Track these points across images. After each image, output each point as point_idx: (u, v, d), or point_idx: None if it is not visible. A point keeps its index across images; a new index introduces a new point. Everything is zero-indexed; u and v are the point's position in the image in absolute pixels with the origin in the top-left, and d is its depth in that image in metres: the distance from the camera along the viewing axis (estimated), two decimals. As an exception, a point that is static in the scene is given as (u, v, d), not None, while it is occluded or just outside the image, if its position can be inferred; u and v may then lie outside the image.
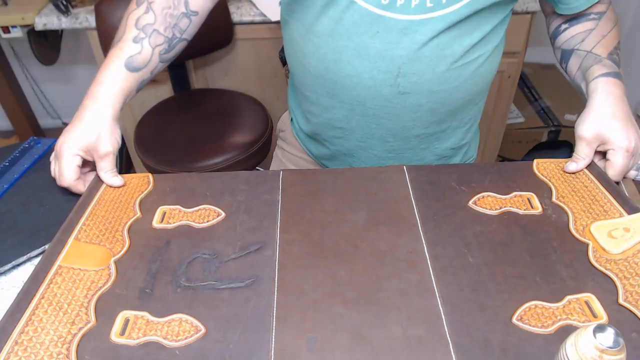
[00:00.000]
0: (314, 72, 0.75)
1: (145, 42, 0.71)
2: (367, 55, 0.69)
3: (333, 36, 0.69)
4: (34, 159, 0.75)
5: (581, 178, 0.66)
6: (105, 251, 0.57)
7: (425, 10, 0.65)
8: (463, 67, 0.70)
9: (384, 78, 0.70)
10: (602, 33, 0.74)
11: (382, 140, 0.78)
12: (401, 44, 0.67)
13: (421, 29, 0.66)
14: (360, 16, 0.67)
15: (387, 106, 0.73)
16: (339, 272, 0.54)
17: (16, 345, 0.46)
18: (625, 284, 0.51)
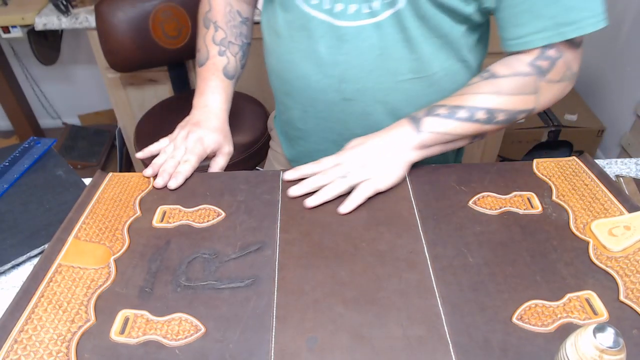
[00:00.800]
0: (275, 71, 0.79)
1: (228, 53, 0.81)
2: (314, 59, 0.71)
3: (287, 37, 0.73)
4: (34, 159, 0.75)
5: (581, 176, 0.66)
6: (105, 250, 0.57)
7: (362, 16, 0.65)
8: (412, 81, 0.70)
9: (329, 83, 0.71)
10: (465, 91, 0.66)
11: (336, 144, 0.77)
12: (343, 50, 0.68)
13: (360, 35, 0.67)
14: (307, 20, 0.68)
15: (334, 110, 0.75)
16: (338, 272, 0.54)
17: (16, 343, 0.46)
18: (626, 281, 0.51)
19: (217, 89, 0.79)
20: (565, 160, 0.69)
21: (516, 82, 0.64)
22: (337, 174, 0.63)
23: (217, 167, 0.76)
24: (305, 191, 0.63)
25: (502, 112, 0.64)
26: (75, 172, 0.73)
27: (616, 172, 0.72)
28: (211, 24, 0.81)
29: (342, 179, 0.63)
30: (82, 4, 1.55)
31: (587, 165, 0.68)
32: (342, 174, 0.63)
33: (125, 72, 1.54)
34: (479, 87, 0.65)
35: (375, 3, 0.64)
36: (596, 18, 0.60)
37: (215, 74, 0.79)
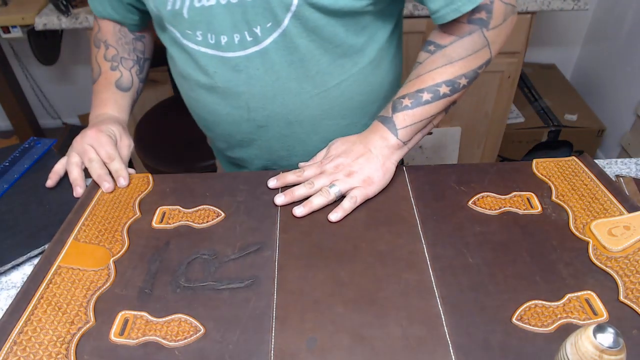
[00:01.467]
0: (190, 109, 0.80)
1: (121, 67, 0.80)
2: (217, 94, 0.71)
3: (186, 77, 0.73)
4: (34, 159, 0.75)
5: (581, 176, 0.66)
6: (104, 251, 0.57)
7: (248, 44, 0.65)
8: (321, 95, 0.69)
9: (239, 114, 0.71)
10: (419, 72, 0.66)
11: (276, 165, 0.79)
12: (240, 80, 0.68)
13: (252, 63, 0.66)
14: (198, 57, 0.68)
15: (253, 139, 0.75)
16: (338, 272, 0.54)
17: (15, 345, 0.46)
18: (625, 281, 0.51)
19: (109, 101, 0.77)
20: (564, 161, 0.69)
21: (463, 44, 0.64)
22: (323, 183, 0.63)
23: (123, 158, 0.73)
24: (290, 201, 0.63)
25: (462, 76, 0.64)
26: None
27: (616, 172, 0.72)
28: (101, 43, 0.80)
29: (330, 189, 0.62)
30: (82, 4, 1.55)
31: (587, 165, 0.67)
32: (328, 183, 0.63)
33: (125, 72, 1.54)
34: (431, 64, 0.65)
35: (257, 29, 0.63)
36: None
37: (107, 87, 0.78)
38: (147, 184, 0.68)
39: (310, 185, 0.63)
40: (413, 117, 0.64)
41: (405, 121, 0.64)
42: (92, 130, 0.70)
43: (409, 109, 0.64)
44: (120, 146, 0.72)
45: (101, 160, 0.69)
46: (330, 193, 0.62)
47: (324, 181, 0.63)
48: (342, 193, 0.62)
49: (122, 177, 0.68)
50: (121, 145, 0.73)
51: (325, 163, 0.65)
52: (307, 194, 0.63)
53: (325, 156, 0.67)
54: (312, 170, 0.65)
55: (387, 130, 0.65)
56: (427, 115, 0.65)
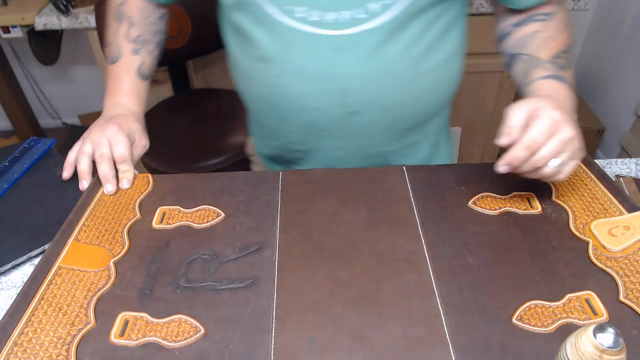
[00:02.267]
0: (260, 98, 0.73)
1: (143, 51, 0.76)
2: (308, 77, 0.66)
3: (271, 60, 0.67)
4: (34, 159, 0.75)
5: (581, 176, 0.66)
6: (104, 252, 0.57)
7: (359, 22, 0.61)
8: (417, 79, 0.67)
9: (330, 99, 0.67)
10: (548, 35, 0.67)
11: (341, 160, 0.75)
12: (341, 62, 0.63)
13: (359, 42, 0.62)
14: (294, 37, 0.63)
15: (339, 127, 0.70)
16: (338, 272, 0.54)
17: (15, 346, 0.46)
18: (625, 281, 0.51)
19: (131, 92, 0.74)
20: (565, 160, 0.69)
21: (564, 14, 0.68)
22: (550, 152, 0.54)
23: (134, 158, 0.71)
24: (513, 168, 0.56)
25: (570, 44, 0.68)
26: (75, 173, 0.73)
27: (616, 172, 0.72)
28: (125, 19, 0.75)
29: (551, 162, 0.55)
30: (82, 4, 1.55)
31: (587, 165, 0.67)
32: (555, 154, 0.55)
33: (125, 72, 1.54)
34: (554, 28, 0.67)
35: (373, 5, 0.60)
36: None
37: (128, 74, 0.74)
38: (147, 184, 0.68)
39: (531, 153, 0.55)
40: (572, 77, 0.65)
41: (571, 80, 0.65)
42: (114, 126, 0.67)
43: (568, 68, 0.65)
44: (135, 146, 0.71)
45: (112, 159, 0.67)
46: (549, 166, 0.54)
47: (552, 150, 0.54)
48: (562, 166, 0.55)
49: (126, 179, 0.67)
50: (137, 146, 0.71)
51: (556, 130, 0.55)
52: (526, 159, 0.55)
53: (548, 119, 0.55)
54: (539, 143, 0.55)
55: (568, 89, 0.63)
56: (573, 77, 0.66)
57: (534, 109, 0.55)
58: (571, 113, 0.59)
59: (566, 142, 0.54)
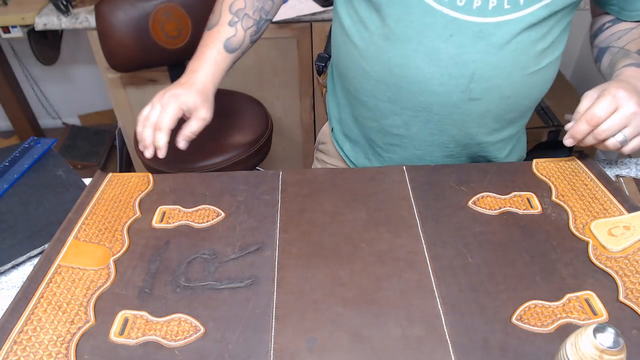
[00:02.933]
0: (376, 77, 0.71)
1: (239, 25, 0.77)
2: (439, 60, 0.65)
3: (401, 40, 0.66)
4: (34, 159, 0.75)
5: (581, 176, 0.66)
6: (104, 250, 0.57)
7: (503, 12, 0.62)
8: (535, 73, 0.68)
9: (455, 84, 0.66)
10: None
11: (442, 146, 0.75)
12: (476, 48, 0.64)
13: (498, 31, 0.63)
14: (434, 18, 0.63)
15: (454, 112, 0.70)
16: (338, 272, 0.54)
17: (15, 344, 0.46)
18: (625, 281, 0.51)
19: (211, 60, 0.76)
20: (564, 161, 0.69)
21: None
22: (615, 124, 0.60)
23: (189, 130, 0.71)
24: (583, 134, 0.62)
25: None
26: (75, 172, 0.73)
27: (616, 172, 0.72)
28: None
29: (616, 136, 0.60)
30: (82, 4, 1.55)
31: (587, 165, 0.67)
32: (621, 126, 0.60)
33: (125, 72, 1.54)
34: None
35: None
36: None
37: (215, 44, 0.76)
38: (147, 184, 0.68)
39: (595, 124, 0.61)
40: None
41: None
42: (174, 93, 0.70)
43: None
44: (194, 117, 0.71)
45: (154, 124, 0.69)
46: (612, 139, 0.60)
47: (618, 124, 0.60)
48: (626, 140, 0.60)
49: (155, 147, 0.69)
50: (195, 117, 0.71)
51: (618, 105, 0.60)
52: (588, 132, 0.62)
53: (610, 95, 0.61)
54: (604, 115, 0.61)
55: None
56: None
57: (602, 91, 0.60)
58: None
59: (629, 117, 0.59)
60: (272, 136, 1.49)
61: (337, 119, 0.89)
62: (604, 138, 0.60)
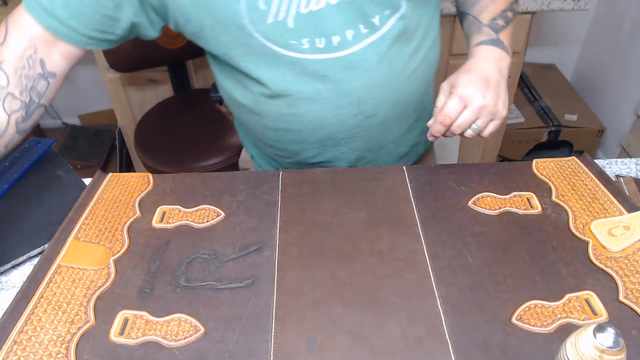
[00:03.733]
0: (274, 127, 0.73)
1: (0, 107, 0.58)
2: (323, 99, 0.67)
3: (283, 94, 0.67)
4: (34, 159, 0.75)
5: (581, 177, 0.66)
6: (104, 250, 0.57)
7: (363, 37, 0.64)
8: (413, 71, 0.70)
9: (346, 112, 0.69)
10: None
11: (360, 159, 0.78)
12: (352, 77, 0.66)
13: (365, 56, 0.65)
14: (303, 67, 0.64)
15: (357, 132, 0.73)
16: (338, 272, 0.54)
17: (15, 344, 0.46)
18: (625, 281, 0.51)
19: None
20: (564, 161, 0.69)
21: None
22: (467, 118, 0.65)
23: None
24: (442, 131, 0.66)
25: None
26: (75, 172, 0.73)
27: (616, 172, 0.72)
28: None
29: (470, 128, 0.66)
30: (82, 4, 1.55)
31: (587, 165, 0.67)
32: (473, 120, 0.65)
33: (125, 72, 1.54)
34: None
35: (375, 19, 0.62)
36: None
37: None
38: (147, 184, 0.68)
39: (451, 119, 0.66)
40: (509, 35, 0.70)
41: (507, 39, 0.70)
42: None
43: (505, 28, 0.69)
44: None
45: None
46: (468, 130, 0.66)
47: (469, 117, 0.65)
48: (480, 129, 0.66)
49: None
50: None
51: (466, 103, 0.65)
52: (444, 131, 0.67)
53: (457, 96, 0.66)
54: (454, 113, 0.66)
55: (502, 51, 0.69)
56: (512, 33, 0.71)
57: (452, 88, 0.66)
58: (499, 74, 0.67)
59: (477, 111, 0.65)
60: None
61: (252, 144, 0.88)
62: (459, 133, 0.66)
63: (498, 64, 0.68)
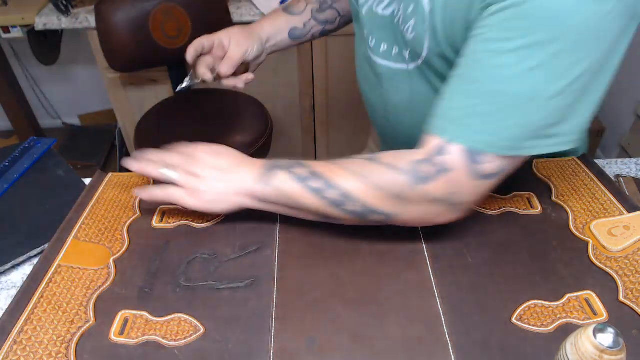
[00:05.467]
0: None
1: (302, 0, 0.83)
2: (369, 87, 0.76)
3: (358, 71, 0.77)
4: (34, 159, 0.75)
5: (581, 176, 0.66)
6: (104, 250, 0.57)
7: (391, 58, 0.67)
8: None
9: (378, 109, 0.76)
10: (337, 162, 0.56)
11: None
12: (381, 88, 0.72)
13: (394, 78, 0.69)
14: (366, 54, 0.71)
15: (386, 131, 0.77)
16: (338, 272, 0.54)
17: (15, 344, 0.46)
18: (625, 281, 0.51)
19: (264, 19, 0.82)
20: (564, 161, 0.69)
21: (388, 176, 0.51)
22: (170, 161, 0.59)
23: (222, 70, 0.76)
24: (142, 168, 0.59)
25: (356, 202, 0.51)
26: (75, 172, 0.73)
27: (616, 172, 0.72)
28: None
29: (165, 169, 0.57)
30: (82, 4, 1.55)
31: (587, 165, 0.67)
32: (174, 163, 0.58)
33: (125, 72, 1.54)
34: (351, 164, 0.53)
35: (407, 52, 0.63)
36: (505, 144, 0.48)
37: (276, 11, 0.83)
38: (148, 183, 0.68)
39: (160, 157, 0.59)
40: (289, 188, 0.53)
41: (281, 184, 0.54)
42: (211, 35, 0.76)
43: (295, 179, 0.53)
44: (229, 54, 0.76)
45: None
46: (157, 170, 0.57)
47: (173, 159, 0.59)
48: (171, 181, 0.57)
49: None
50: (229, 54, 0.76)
51: (191, 148, 0.60)
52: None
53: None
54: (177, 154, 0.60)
55: (259, 177, 0.55)
56: (298, 200, 0.53)
57: None
58: None
59: None
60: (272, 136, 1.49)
61: None
62: None
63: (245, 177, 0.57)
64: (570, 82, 0.45)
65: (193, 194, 0.56)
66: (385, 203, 0.51)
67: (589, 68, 0.45)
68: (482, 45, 0.47)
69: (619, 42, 0.45)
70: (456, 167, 0.48)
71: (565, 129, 0.48)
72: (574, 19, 0.42)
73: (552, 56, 0.44)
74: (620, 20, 0.44)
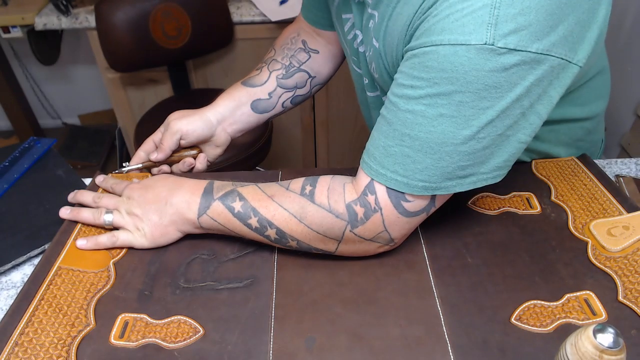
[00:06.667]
0: None
1: (264, 67, 0.77)
2: None
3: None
4: (34, 159, 0.75)
5: (580, 177, 0.66)
6: (104, 253, 0.57)
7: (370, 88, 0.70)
8: None
9: None
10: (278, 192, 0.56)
11: None
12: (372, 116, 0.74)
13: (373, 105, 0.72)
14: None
15: None
16: (337, 272, 0.54)
17: (16, 346, 0.46)
18: (624, 281, 0.51)
19: (222, 96, 0.76)
20: (564, 161, 0.69)
21: (325, 219, 0.52)
22: (107, 204, 0.60)
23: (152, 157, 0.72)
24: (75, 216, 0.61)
25: (296, 240, 0.53)
26: (75, 172, 0.73)
27: (616, 172, 0.72)
28: (271, 47, 0.80)
29: (105, 215, 0.59)
30: (82, 4, 1.55)
31: (586, 165, 0.67)
32: (111, 206, 0.60)
33: (125, 72, 1.54)
34: (290, 201, 0.53)
35: (378, 86, 0.67)
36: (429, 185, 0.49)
37: (235, 85, 0.77)
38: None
39: (97, 202, 0.61)
40: (227, 222, 0.55)
41: (219, 216, 0.55)
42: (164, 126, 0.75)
43: (233, 214, 0.54)
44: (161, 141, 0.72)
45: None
46: (101, 218, 0.59)
47: (109, 202, 0.60)
48: (112, 225, 0.59)
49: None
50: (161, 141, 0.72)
51: (126, 187, 0.62)
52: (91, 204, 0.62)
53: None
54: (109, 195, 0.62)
55: (197, 204, 0.56)
56: (240, 232, 0.55)
57: None
58: None
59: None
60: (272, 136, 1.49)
61: None
62: None
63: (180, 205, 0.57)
64: (479, 128, 0.45)
65: (139, 233, 0.57)
66: (325, 243, 0.53)
67: (502, 114, 0.45)
68: (397, 89, 0.49)
69: (538, 87, 0.45)
70: (383, 206, 0.50)
71: (484, 169, 0.49)
72: (470, 74, 0.43)
73: (457, 105, 0.45)
74: (536, 69, 0.44)
